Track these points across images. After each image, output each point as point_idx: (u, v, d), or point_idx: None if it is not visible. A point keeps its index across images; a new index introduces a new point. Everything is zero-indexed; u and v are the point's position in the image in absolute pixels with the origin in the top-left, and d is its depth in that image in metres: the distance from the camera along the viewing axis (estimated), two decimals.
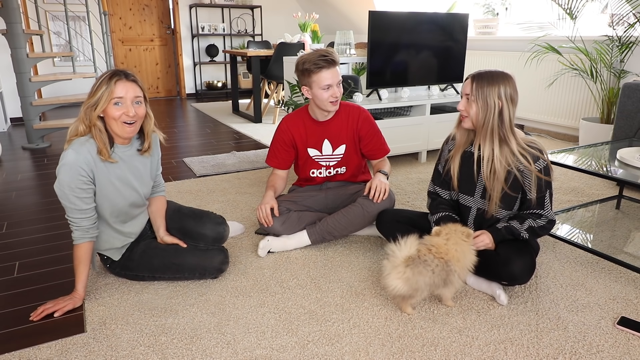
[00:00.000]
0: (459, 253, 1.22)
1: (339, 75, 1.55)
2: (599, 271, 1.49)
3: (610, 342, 1.15)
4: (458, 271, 1.22)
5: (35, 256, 1.63)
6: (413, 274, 1.18)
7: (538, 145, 1.28)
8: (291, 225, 1.63)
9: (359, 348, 1.13)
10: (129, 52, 5.41)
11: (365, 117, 1.68)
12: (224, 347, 1.14)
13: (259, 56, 3.92)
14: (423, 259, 1.20)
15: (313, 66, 1.51)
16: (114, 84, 1.21)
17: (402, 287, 1.19)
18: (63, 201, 1.25)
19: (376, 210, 1.59)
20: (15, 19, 2.99)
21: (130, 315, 1.27)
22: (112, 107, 1.22)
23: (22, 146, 3.25)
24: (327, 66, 1.52)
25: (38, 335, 1.19)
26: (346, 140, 1.68)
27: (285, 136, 1.68)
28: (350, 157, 1.70)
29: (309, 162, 1.71)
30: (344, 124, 1.67)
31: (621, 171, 1.54)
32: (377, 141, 1.70)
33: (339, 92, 1.56)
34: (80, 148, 1.23)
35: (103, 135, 1.25)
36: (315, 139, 1.67)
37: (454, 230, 1.26)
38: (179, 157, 2.95)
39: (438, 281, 1.20)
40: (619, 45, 2.69)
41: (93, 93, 1.22)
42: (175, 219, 1.50)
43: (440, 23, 2.62)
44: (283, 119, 1.71)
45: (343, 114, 1.67)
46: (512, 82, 1.25)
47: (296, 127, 1.68)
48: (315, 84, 1.53)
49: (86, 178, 1.24)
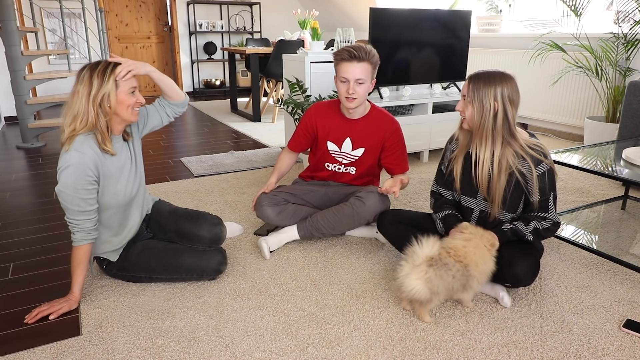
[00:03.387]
0: (477, 257, 1.18)
1: (361, 74, 1.51)
2: (604, 273, 1.47)
3: (615, 345, 1.13)
4: (477, 276, 1.18)
5: (30, 258, 1.61)
6: (435, 276, 1.13)
7: (542, 148, 1.27)
8: (286, 217, 1.64)
9: (359, 351, 1.12)
10: (126, 49, 5.37)
11: (396, 129, 1.66)
12: (222, 351, 1.12)
13: (257, 54, 3.89)
14: (444, 262, 1.15)
15: (337, 56, 1.54)
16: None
17: (421, 288, 1.13)
18: (65, 203, 1.22)
19: (367, 212, 1.57)
20: (9, 16, 2.96)
21: (127, 318, 1.25)
22: (127, 95, 1.24)
23: (17, 145, 3.22)
24: (349, 59, 1.51)
25: (33, 338, 1.17)
26: (368, 144, 1.66)
27: (310, 122, 1.70)
28: (364, 162, 1.69)
29: (325, 154, 1.71)
30: (372, 129, 1.65)
31: (627, 171, 1.52)
32: (400, 156, 1.68)
33: (357, 90, 1.52)
34: (83, 147, 1.21)
35: (103, 126, 1.24)
36: (339, 134, 1.67)
37: (480, 235, 1.22)
38: (176, 157, 2.92)
39: (457, 286, 1.16)
40: (625, 43, 2.67)
41: (97, 85, 1.18)
42: (171, 221, 1.48)
43: (442, 20, 2.60)
44: (313, 105, 1.72)
45: (374, 119, 1.65)
46: (511, 83, 1.22)
47: (323, 117, 1.68)
48: (337, 73, 1.56)
49: (92, 178, 1.23)
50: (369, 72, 1.52)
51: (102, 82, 1.19)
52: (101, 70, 1.20)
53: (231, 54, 4.38)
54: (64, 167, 1.19)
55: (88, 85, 1.19)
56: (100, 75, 1.19)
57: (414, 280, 1.14)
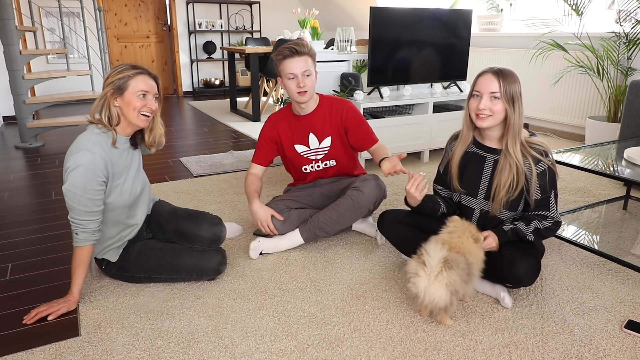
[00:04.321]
0: (466, 245, 1.19)
1: (307, 67, 1.54)
2: (605, 273, 1.47)
3: (617, 345, 1.13)
4: (475, 262, 1.19)
5: (29, 258, 1.60)
6: (455, 275, 1.12)
7: (543, 146, 1.26)
8: (292, 223, 1.61)
9: (359, 352, 1.11)
10: (125, 49, 5.36)
11: (349, 107, 1.67)
12: (221, 352, 1.12)
13: (257, 53, 3.88)
14: (454, 258, 1.15)
15: (279, 55, 1.54)
16: (138, 75, 1.26)
17: (445, 295, 1.11)
18: (72, 203, 1.22)
19: (366, 200, 1.56)
20: (7, 15, 2.95)
21: (126, 319, 1.24)
22: (134, 97, 1.26)
23: (15, 145, 3.21)
24: (291, 55, 1.52)
25: (31, 339, 1.17)
26: (331, 132, 1.67)
27: (270, 132, 1.68)
28: (337, 149, 1.69)
29: (298, 158, 1.70)
30: (327, 116, 1.66)
31: (628, 171, 1.52)
32: (364, 131, 1.68)
33: (307, 83, 1.55)
34: (94, 147, 1.23)
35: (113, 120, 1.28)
36: (301, 134, 1.67)
37: (463, 229, 1.22)
38: (176, 157, 2.91)
39: (466, 277, 1.15)
40: (626, 42, 2.66)
41: (115, 81, 1.25)
42: (171, 221, 1.47)
43: (443, 19, 2.59)
44: (269, 117, 1.72)
45: (326, 106, 1.67)
46: (518, 77, 1.25)
47: (281, 124, 1.68)
48: (282, 73, 1.56)
49: (102, 179, 1.24)
50: (312, 64, 1.56)
51: (119, 78, 1.25)
52: (121, 69, 1.27)
53: (231, 54, 4.37)
54: (74, 167, 1.20)
55: (110, 80, 1.26)
56: (117, 72, 1.26)
57: (437, 290, 1.11)
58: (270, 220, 1.57)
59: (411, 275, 1.16)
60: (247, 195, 1.62)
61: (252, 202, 1.58)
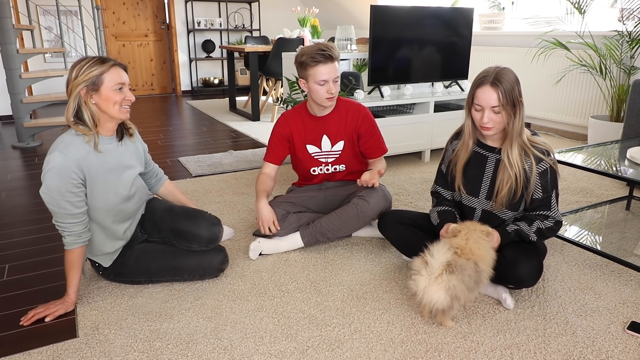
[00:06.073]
0: (482, 251, 1.17)
1: (337, 72, 1.53)
2: (608, 274, 1.46)
3: (620, 347, 1.12)
4: (486, 270, 1.17)
5: (26, 259, 1.59)
6: (457, 281, 1.10)
7: (545, 145, 1.25)
8: (289, 227, 1.61)
9: (360, 354, 1.10)
10: (123, 47, 5.34)
11: (365, 114, 1.66)
12: (220, 353, 1.11)
13: (257, 52, 3.86)
14: (459, 264, 1.13)
15: (310, 60, 1.50)
16: (111, 68, 1.20)
17: (445, 298, 1.10)
18: (51, 207, 1.19)
19: (371, 210, 1.56)
20: (4, 14, 2.93)
21: (124, 320, 1.23)
22: (112, 92, 1.20)
23: (12, 145, 3.19)
24: (324, 61, 1.49)
25: (28, 340, 1.16)
26: (344, 136, 1.66)
27: (283, 130, 1.66)
28: (348, 155, 1.68)
29: (308, 159, 1.68)
30: (342, 120, 1.65)
31: (631, 171, 1.51)
32: (376, 140, 1.68)
33: (335, 89, 1.54)
34: (67, 149, 1.18)
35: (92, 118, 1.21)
36: (314, 134, 1.65)
37: (472, 229, 1.21)
38: (174, 157, 2.90)
39: (472, 285, 1.15)
40: (629, 41, 2.65)
41: (86, 76, 1.17)
42: (167, 219, 1.42)
43: (444, 18, 2.57)
44: (282, 115, 1.69)
45: (342, 109, 1.65)
46: (516, 76, 1.22)
47: (295, 123, 1.66)
48: (311, 77, 1.52)
49: (77, 181, 1.19)
50: (338, 68, 1.56)
51: (89, 73, 1.17)
52: (89, 63, 1.18)
53: (230, 52, 4.35)
54: (47, 169, 1.17)
55: (76, 77, 1.17)
56: (86, 67, 1.17)
57: (436, 292, 1.11)
58: (272, 223, 1.55)
59: (414, 272, 1.16)
60: (256, 193, 1.63)
61: (260, 199, 1.58)
